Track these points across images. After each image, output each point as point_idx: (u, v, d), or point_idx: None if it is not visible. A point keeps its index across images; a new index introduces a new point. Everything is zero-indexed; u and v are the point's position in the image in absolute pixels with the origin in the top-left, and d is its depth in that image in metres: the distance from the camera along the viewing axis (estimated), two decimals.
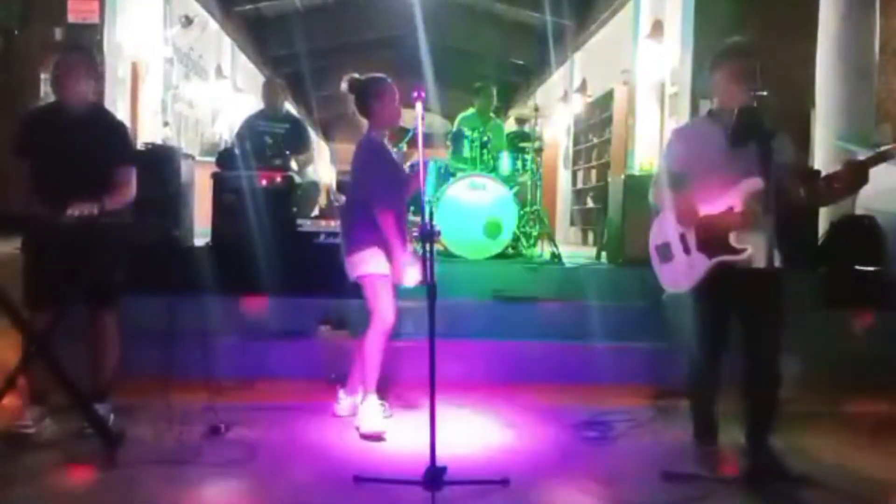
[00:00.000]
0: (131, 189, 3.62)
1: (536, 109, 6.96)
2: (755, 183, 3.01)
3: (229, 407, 3.74)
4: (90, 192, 3.39)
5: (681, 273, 3.26)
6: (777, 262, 3.03)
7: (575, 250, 8.58)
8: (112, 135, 3.66)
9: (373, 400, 3.65)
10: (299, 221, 5.11)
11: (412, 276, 3.61)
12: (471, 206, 5.90)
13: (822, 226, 5.75)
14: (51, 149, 3.48)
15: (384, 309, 3.66)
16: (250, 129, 6.02)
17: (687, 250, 3.23)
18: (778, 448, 3.12)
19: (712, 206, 3.14)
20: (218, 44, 12.13)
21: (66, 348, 3.27)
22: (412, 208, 5.05)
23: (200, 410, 3.65)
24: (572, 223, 12.66)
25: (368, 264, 3.66)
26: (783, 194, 2.94)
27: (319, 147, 17.02)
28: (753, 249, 3.04)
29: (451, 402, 3.88)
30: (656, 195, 3.40)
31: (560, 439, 3.65)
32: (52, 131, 3.51)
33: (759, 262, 2.97)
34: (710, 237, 3.14)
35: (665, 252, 3.33)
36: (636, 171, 8.58)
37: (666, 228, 3.32)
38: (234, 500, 2.91)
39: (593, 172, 11.54)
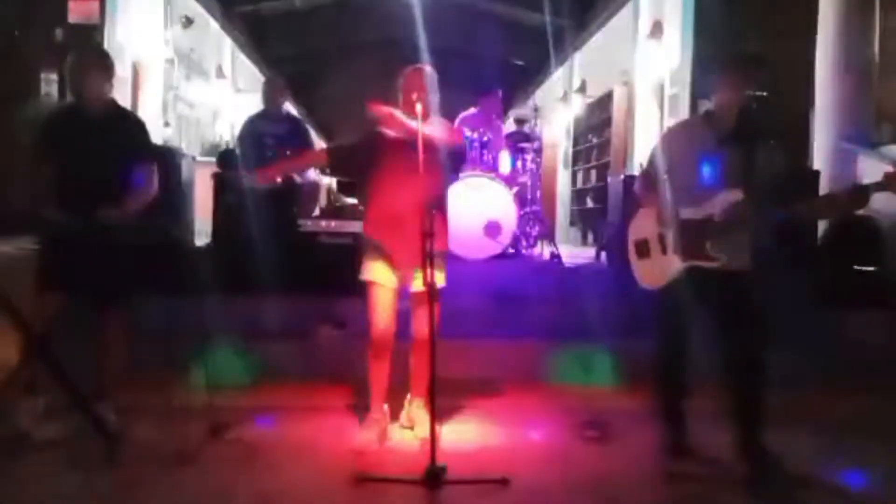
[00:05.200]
0: (153, 187, 3.62)
1: (536, 110, 6.96)
2: (735, 194, 3.03)
3: (229, 407, 3.74)
4: (112, 193, 3.39)
5: (655, 271, 3.31)
6: (749, 266, 3.09)
7: (575, 250, 8.57)
8: (134, 133, 3.65)
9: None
10: (300, 221, 5.11)
11: None
12: (470, 207, 5.90)
13: (822, 226, 5.75)
14: (74, 150, 3.45)
15: None
16: (251, 130, 6.02)
17: (664, 250, 3.26)
18: (776, 448, 3.12)
19: (693, 210, 3.15)
20: (218, 44, 12.12)
21: (69, 346, 3.27)
22: None
23: (200, 410, 3.65)
24: (572, 223, 12.65)
25: None
26: (764, 205, 2.98)
27: (320, 147, 16.97)
28: (728, 258, 3.07)
29: (451, 401, 3.88)
30: (639, 188, 3.45)
31: (560, 439, 3.65)
32: (74, 133, 3.49)
33: (734, 267, 3.04)
34: (687, 242, 3.16)
35: (643, 249, 3.39)
36: (636, 172, 8.55)
37: (646, 226, 3.36)
38: (233, 500, 2.90)
39: (593, 172, 11.54)
